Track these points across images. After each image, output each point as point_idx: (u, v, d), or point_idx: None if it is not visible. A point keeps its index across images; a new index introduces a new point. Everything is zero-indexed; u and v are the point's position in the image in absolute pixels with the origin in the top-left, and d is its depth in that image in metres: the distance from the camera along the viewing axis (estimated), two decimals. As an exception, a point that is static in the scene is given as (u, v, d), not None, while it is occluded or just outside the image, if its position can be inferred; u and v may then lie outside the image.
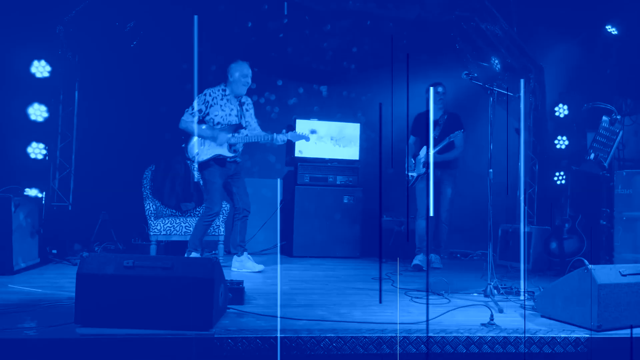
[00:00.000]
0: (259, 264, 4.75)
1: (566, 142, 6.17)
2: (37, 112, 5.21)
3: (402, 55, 6.66)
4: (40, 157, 5.26)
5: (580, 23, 6.04)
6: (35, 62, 5.20)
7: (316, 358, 2.61)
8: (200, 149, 4.54)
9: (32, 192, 5.15)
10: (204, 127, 4.55)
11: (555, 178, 6.16)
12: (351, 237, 6.15)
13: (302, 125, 6.30)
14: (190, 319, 2.65)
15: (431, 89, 5.33)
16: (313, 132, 4.88)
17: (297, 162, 6.21)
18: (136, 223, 5.71)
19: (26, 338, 2.48)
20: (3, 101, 5.17)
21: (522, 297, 3.76)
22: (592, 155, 4.49)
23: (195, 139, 4.56)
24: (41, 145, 5.26)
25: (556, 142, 6.19)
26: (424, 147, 5.31)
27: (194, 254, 4.61)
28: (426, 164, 5.26)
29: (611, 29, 5.86)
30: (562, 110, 6.20)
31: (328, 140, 6.37)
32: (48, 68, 5.25)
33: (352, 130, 6.45)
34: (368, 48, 6.78)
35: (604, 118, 4.55)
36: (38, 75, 5.22)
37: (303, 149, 6.27)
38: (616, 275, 2.96)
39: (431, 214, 5.28)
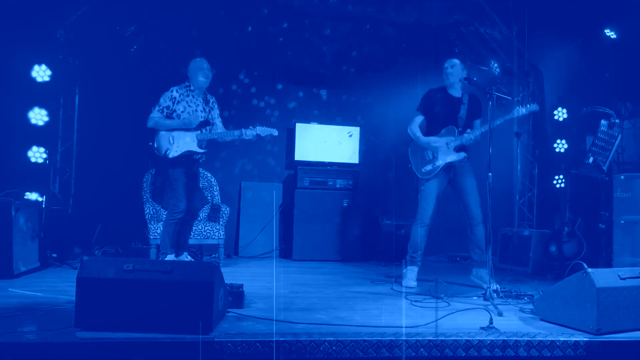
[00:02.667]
0: None
1: (565, 146, 6.17)
2: (38, 116, 5.23)
3: (402, 59, 6.70)
4: (40, 161, 5.28)
5: (579, 27, 6.06)
6: (36, 67, 5.23)
7: (316, 362, 2.61)
8: (170, 146, 4.53)
9: (33, 196, 5.16)
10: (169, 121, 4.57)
11: (555, 181, 6.17)
12: (351, 240, 6.16)
13: (302, 129, 6.33)
14: (190, 322, 2.65)
15: (453, 60, 4.56)
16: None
17: (297, 165, 6.22)
18: (136, 227, 5.72)
19: (26, 342, 2.48)
20: (4, 105, 5.19)
21: (521, 301, 3.77)
22: (590, 159, 4.50)
23: (162, 134, 4.55)
24: (41, 149, 5.28)
25: (555, 145, 6.20)
26: (450, 128, 4.45)
27: (168, 258, 4.58)
28: (461, 147, 4.41)
29: (610, 33, 5.87)
30: (561, 114, 6.21)
31: (328, 143, 6.38)
32: (49, 72, 5.28)
33: (352, 133, 6.47)
34: (367, 52, 6.79)
35: (603, 122, 4.56)
36: (39, 79, 5.25)
37: (303, 153, 6.28)
38: (615, 279, 2.97)
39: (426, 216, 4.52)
